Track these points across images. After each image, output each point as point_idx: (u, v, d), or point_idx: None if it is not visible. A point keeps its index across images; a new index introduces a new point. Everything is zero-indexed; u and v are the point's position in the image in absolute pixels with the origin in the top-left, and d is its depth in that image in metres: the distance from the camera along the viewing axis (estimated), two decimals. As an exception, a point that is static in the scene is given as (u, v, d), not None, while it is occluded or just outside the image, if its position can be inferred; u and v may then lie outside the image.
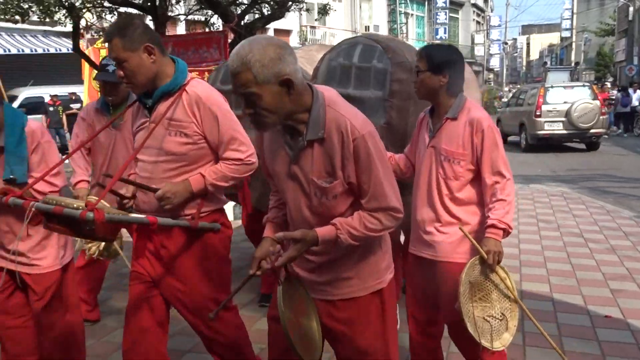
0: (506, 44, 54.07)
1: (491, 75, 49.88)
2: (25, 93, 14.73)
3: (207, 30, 11.74)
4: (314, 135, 1.78)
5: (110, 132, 3.57)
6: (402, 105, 3.16)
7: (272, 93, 1.70)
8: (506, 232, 2.40)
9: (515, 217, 6.87)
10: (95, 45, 11.12)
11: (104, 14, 10.67)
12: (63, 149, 13.56)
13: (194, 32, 13.11)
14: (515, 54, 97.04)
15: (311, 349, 1.93)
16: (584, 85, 15.53)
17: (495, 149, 2.39)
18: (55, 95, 15.01)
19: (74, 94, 14.89)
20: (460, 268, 2.41)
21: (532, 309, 3.96)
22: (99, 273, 3.92)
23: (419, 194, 2.57)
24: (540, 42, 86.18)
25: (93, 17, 10.81)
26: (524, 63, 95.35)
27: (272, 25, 20.13)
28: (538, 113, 14.10)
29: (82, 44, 12.25)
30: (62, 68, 17.84)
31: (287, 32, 25.80)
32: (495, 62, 46.62)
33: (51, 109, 14.79)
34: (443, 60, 2.44)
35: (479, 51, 42.47)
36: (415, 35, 35.20)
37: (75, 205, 2.05)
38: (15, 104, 13.67)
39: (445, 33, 36.59)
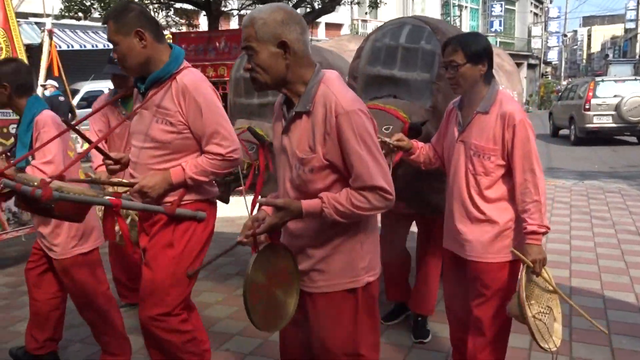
0: (565, 36, 52.18)
1: (549, 69, 48.31)
2: (86, 87, 15.33)
3: (259, 24, 11.90)
4: (303, 108, 1.82)
5: (125, 122, 3.71)
6: (449, 89, 2.99)
7: (269, 52, 1.77)
8: (545, 234, 2.38)
9: (567, 214, 6.72)
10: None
11: (160, 10, 11.02)
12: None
13: (246, 27, 13.27)
14: (575, 47, 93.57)
15: (272, 322, 1.93)
16: (635, 79, 15.14)
17: (527, 145, 2.31)
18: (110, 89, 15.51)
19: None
20: (494, 268, 2.39)
21: (582, 306, 3.89)
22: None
23: (450, 189, 2.53)
24: (602, 34, 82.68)
25: (151, 13, 11.16)
26: (585, 56, 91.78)
27: (323, 19, 20.23)
28: (587, 106, 14.11)
29: None
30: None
31: (338, 26, 25.82)
32: (553, 55, 45.05)
33: None
34: (479, 47, 2.36)
35: (536, 44, 41.16)
36: (469, 28, 34.47)
37: (33, 184, 2.14)
38: (77, 98, 14.30)
39: (500, 26, 35.70)
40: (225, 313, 3.92)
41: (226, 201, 3.73)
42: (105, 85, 15.80)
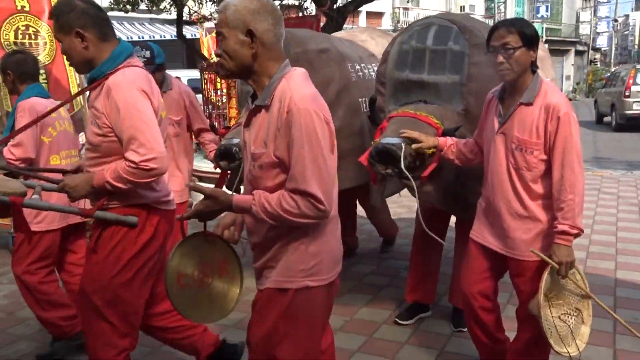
0: (616, 21, 50.22)
1: (597, 55, 46.68)
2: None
3: (300, 14, 11.97)
4: (262, 102, 1.79)
5: None
6: (481, 90, 2.87)
7: (236, 40, 1.76)
8: (578, 236, 2.25)
9: (614, 205, 6.57)
10: (212, 34, 11.66)
11: (205, 1, 11.21)
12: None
13: (288, 17, 13.39)
14: (627, 32, 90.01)
15: (208, 313, 1.95)
16: None
17: (569, 140, 2.21)
18: None
19: (177, 78, 15.72)
20: (536, 265, 2.33)
21: (626, 298, 3.87)
22: None
23: (489, 182, 2.46)
24: (655, 19, 79.20)
25: (195, 5, 11.37)
26: (637, 42, 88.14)
27: (365, 8, 20.10)
28: (627, 93, 14.47)
29: (201, 32, 12.94)
30: (167, 54, 18.91)
31: (380, 15, 25.62)
32: (602, 42, 43.47)
33: None
34: (533, 33, 2.28)
35: (585, 30, 39.82)
36: (514, 14, 33.61)
37: None
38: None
39: (547, 11, 34.66)
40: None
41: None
42: (151, 76, 16.23)
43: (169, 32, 17.46)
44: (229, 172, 3.57)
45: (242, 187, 3.70)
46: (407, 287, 3.67)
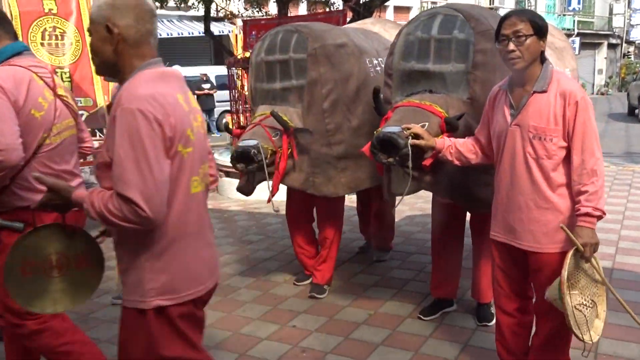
0: (651, 13, 48.88)
1: (631, 49, 45.48)
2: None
3: (327, 10, 11.98)
4: (113, 101, 1.73)
5: None
6: (487, 78, 2.90)
7: (98, 35, 1.72)
8: (600, 218, 2.23)
9: (646, 200, 6.43)
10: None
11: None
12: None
13: (315, 12, 13.43)
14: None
15: (44, 301, 1.94)
16: None
17: (588, 124, 2.21)
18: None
19: (205, 74, 15.92)
20: (557, 258, 2.28)
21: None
22: None
23: (504, 178, 2.41)
24: (693, 10, 76.79)
25: (223, 1, 11.48)
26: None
27: (392, 3, 19.97)
28: None
29: (235, 30, 13.08)
30: (195, 50, 19.15)
31: (407, 9, 25.42)
32: (637, 34, 42.31)
33: None
34: (544, 24, 2.29)
35: (618, 22, 38.82)
36: (545, 7, 32.94)
37: None
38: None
39: (579, 4, 33.82)
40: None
41: (247, 193, 3.61)
42: (185, 72, 16.47)
43: (197, 29, 17.64)
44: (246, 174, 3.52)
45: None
46: (431, 284, 3.69)
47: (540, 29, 2.26)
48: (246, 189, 3.59)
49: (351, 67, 3.70)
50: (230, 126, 7.18)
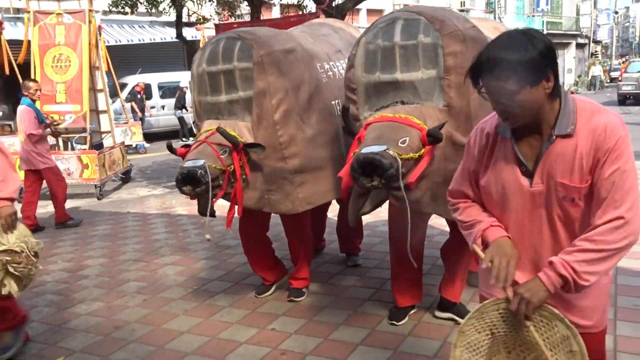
0: (617, 13, 50.08)
1: (598, 48, 46.54)
2: (134, 80, 15.78)
3: (300, 12, 11.99)
4: None
5: None
6: (461, 81, 2.58)
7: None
8: (572, 285, 1.57)
9: None
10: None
11: (203, 2, 11.24)
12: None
13: (287, 15, 13.41)
14: (627, 24, 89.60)
15: None
16: None
17: (624, 174, 1.56)
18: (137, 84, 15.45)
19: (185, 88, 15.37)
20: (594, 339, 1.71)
21: None
22: None
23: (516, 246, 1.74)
24: (657, 10, 78.79)
25: (194, 6, 11.41)
26: (638, 33, 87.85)
27: (364, 5, 20.06)
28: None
29: (199, 35, 12.97)
30: (167, 55, 19.00)
31: (380, 12, 25.58)
32: (603, 34, 43.33)
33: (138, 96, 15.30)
34: (535, 55, 1.52)
35: (585, 22, 39.70)
36: (514, 8, 33.51)
37: None
38: (126, 91, 14.76)
39: (547, 5, 34.49)
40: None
41: (211, 214, 3.32)
42: (152, 79, 16.29)
43: (169, 34, 17.50)
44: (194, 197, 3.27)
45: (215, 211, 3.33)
46: (394, 295, 3.55)
47: (534, 73, 1.53)
48: (208, 212, 3.30)
49: (302, 73, 3.44)
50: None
